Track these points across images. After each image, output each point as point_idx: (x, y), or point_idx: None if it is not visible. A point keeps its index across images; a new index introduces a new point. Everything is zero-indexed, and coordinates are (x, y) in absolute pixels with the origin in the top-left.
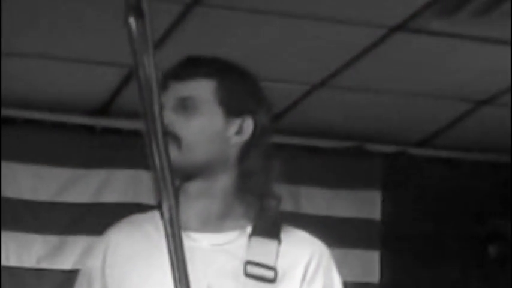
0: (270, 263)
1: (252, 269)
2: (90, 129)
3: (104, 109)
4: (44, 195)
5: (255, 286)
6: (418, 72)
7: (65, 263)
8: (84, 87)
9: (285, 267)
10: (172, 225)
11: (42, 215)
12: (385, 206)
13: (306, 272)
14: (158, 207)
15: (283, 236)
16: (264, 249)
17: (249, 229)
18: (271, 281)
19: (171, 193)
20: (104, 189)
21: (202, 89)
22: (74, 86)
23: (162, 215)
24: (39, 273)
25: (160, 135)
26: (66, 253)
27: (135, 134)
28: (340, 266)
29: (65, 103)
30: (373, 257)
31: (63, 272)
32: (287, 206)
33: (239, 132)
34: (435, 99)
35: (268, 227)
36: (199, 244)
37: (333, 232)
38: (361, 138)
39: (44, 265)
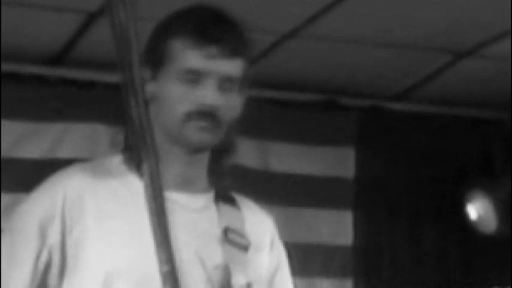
0: (242, 230)
1: (231, 236)
2: (43, 80)
3: (58, 58)
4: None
5: (235, 254)
6: (395, 22)
7: None
8: (37, 35)
9: (252, 236)
10: (153, 186)
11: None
12: (359, 164)
13: (271, 242)
14: (138, 166)
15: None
16: (232, 216)
17: (212, 193)
18: (246, 248)
19: (151, 152)
20: (58, 144)
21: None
22: (27, 33)
23: (142, 174)
24: None
25: (139, 88)
26: None
27: (93, 85)
28: (311, 227)
29: (16, 51)
30: (346, 218)
31: None
32: (255, 163)
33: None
34: (413, 50)
35: (227, 192)
36: (179, 207)
37: (304, 191)
38: (334, 91)
39: None
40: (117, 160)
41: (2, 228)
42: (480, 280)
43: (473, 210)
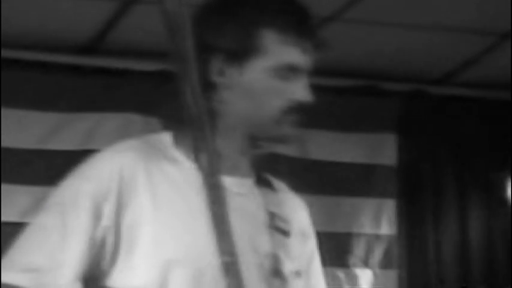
0: (284, 215)
1: (276, 221)
2: (77, 70)
3: (91, 47)
4: (27, 143)
5: (281, 240)
6: (437, 4)
7: None
8: (70, 23)
9: (292, 221)
10: (212, 176)
11: (26, 164)
12: (401, 151)
13: (308, 228)
14: (195, 158)
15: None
16: (274, 201)
17: (253, 177)
18: (289, 234)
19: (209, 140)
20: (93, 135)
21: None
22: (59, 22)
23: (199, 165)
24: (23, 227)
25: (194, 77)
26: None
27: (127, 73)
28: (352, 216)
29: (49, 41)
30: (388, 207)
31: None
32: (293, 150)
33: None
34: (455, 33)
35: (264, 173)
36: (227, 191)
37: (344, 180)
38: (375, 76)
39: (28, 219)
40: (166, 140)
41: (47, 204)
42: None
43: None
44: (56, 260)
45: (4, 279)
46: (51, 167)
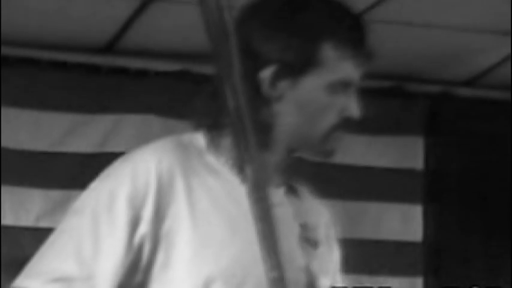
0: (313, 225)
1: (307, 233)
2: (94, 70)
3: (109, 46)
4: (44, 145)
5: (312, 253)
6: (466, 5)
7: None
8: (87, 22)
9: (320, 230)
10: (259, 190)
11: (42, 167)
12: (429, 154)
13: (334, 235)
14: (240, 169)
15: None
16: (300, 209)
17: (283, 187)
18: (317, 245)
19: (254, 153)
20: (111, 137)
21: None
22: (76, 21)
23: (245, 178)
24: (38, 233)
25: (238, 79)
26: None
27: (145, 74)
28: (378, 222)
29: (66, 40)
30: (416, 212)
31: None
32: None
33: None
34: (485, 33)
35: (290, 180)
36: None
37: (369, 184)
38: (402, 78)
39: (44, 224)
40: (200, 143)
41: (76, 208)
42: None
43: None
44: (88, 269)
45: None
46: (66, 170)
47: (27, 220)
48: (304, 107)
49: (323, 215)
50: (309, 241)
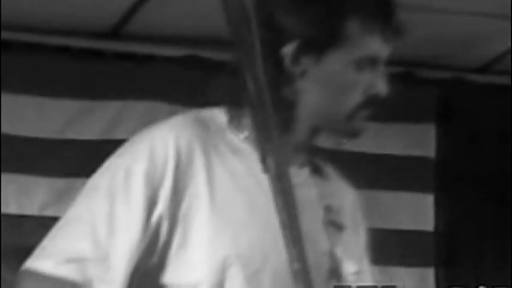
0: (339, 208)
1: (332, 216)
2: (99, 55)
3: (115, 31)
4: (47, 132)
5: (338, 237)
6: None
7: None
8: (92, 6)
9: (347, 214)
10: (280, 181)
11: (45, 155)
12: (440, 142)
13: (361, 218)
14: (262, 162)
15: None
16: (326, 190)
17: (308, 167)
18: (343, 228)
19: (276, 145)
20: (115, 124)
21: None
22: (81, 4)
23: (267, 170)
24: (42, 222)
25: (260, 68)
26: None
27: (152, 59)
28: (389, 211)
29: (70, 25)
30: (427, 201)
31: None
32: (327, 142)
33: None
34: (497, 18)
35: (316, 160)
36: None
37: (380, 172)
38: (413, 64)
39: (48, 213)
40: (221, 120)
41: (90, 186)
42: None
43: None
44: (103, 249)
45: (44, 269)
46: (71, 158)
47: (31, 209)
48: (328, 84)
49: (349, 197)
50: (334, 224)
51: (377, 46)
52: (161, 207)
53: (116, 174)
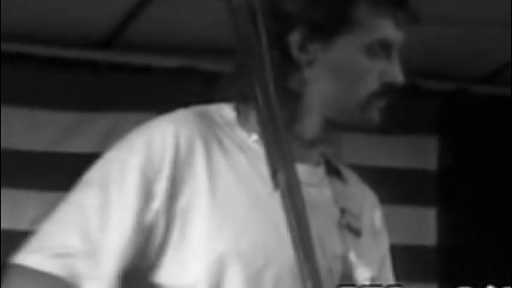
0: (357, 211)
1: (348, 219)
2: (93, 66)
3: (109, 41)
4: (39, 145)
5: (353, 241)
6: None
7: None
8: (86, 16)
9: (365, 218)
10: (291, 197)
11: (37, 168)
12: (442, 154)
13: (380, 224)
14: (272, 176)
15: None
16: (345, 194)
17: (323, 166)
18: (360, 233)
19: (288, 159)
20: (110, 137)
21: None
22: (74, 14)
23: (276, 185)
24: None
25: (269, 76)
26: None
27: (147, 70)
28: (389, 225)
29: (63, 35)
30: (428, 215)
31: None
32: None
33: None
34: (501, 27)
35: (334, 161)
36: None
37: (380, 186)
38: (414, 74)
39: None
40: (229, 115)
41: (84, 179)
42: None
43: None
44: (94, 244)
45: (31, 264)
46: (64, 172)
47: (22, 224)
48: (339, 72)
49: (371, 203)
50: (351, 228)
51: (389, 30)
52: (157, 203)
53: (111, 167)
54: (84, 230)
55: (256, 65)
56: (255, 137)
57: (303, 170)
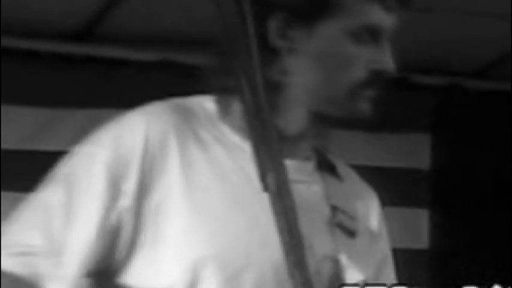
0: (351, 210)
1: (340, 217)
2: (68, 59)
3: (86, 33)
4: (10, 142)
5: (345, 241)
6: None
7: None
8: (61, 7)
9: (360, 217)
10: (281, 199)
11: (9, 167)
12: (436, 153)
13: (379, 224)
14: (261, 179)
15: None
16: (337, 190)
17: (313, 160)
18: (354, 234)
19: (277, 161)
20: (86, 133)
21: None
22: (48, 7)
23: (266, 188)
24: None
25: (258, 77)
26: None
27: (125, 63)
28: None
29: (36, 26)
30: (421, 217)
31: None
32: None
33: None
34: (497, 19)
35: (328, 156)
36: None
37: (371, 186)
38: (407, 69)
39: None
40: (209, 107)
41: (50, 177)
42: None
43: None
44: (56, 244)
45: None
46: (37, 170)
47: None
48: (322, 60)
49: (369, 202)
50: (343, 228)
51: (377, 14)
52: (124, 202)
53: (77, 164)
54: (47, 228)
55: (242, 55)
56: (234, 126)
57: (289, 165)
